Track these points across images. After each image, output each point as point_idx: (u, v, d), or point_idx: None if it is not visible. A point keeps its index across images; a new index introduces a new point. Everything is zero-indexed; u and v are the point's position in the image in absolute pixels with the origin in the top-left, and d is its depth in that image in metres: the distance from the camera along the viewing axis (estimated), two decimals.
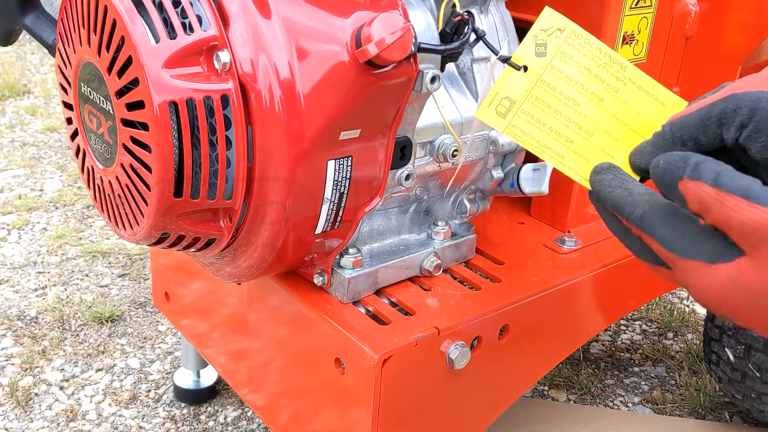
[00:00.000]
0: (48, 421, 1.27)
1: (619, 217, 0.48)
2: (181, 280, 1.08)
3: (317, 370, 0.78)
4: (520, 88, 0.61)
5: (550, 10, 0.61)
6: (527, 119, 0.61)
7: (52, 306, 1.58)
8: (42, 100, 2.88)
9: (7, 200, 2.04)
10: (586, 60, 0.60)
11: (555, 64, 0.61)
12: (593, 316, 0.94)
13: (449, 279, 0.84)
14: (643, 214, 0.45)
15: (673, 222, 0.44)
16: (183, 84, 0.59)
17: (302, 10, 0.62)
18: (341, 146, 0.66)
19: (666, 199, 0.45)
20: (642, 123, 0.59)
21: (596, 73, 0.60)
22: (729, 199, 0.39)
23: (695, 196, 0.41)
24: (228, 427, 1.28)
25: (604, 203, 0.49)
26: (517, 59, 0.61)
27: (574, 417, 1.31)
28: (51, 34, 0.84)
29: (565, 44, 0.61)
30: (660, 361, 1.52)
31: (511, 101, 0.61)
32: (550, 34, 0.61)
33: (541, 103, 0.61)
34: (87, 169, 0.73)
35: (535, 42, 0.61)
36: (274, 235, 0.67)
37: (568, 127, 0.60)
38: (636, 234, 0.47)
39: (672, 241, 0.43)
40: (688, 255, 0.42)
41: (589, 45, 0.61)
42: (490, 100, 0.61)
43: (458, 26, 0.69)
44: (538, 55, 0.61)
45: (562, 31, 0.61)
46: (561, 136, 0.60)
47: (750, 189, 0.39)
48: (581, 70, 0.60)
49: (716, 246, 0.41)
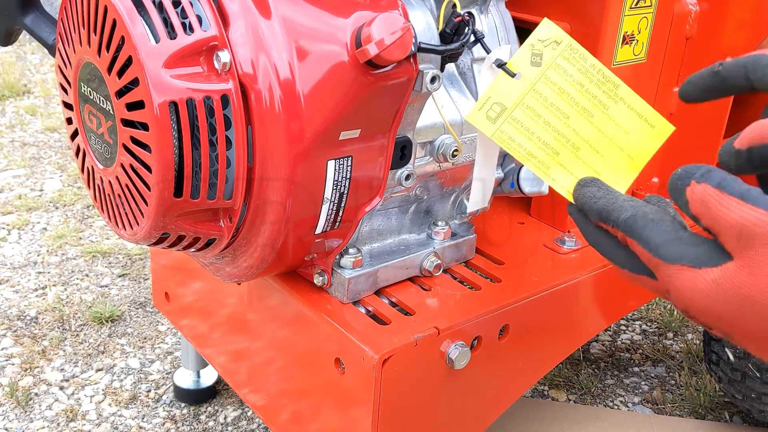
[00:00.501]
0: (48, 421, 1.27)
1: (604, 226, 0.48)
2: (181, 280, 1.08)
3: (317, 370, 0.78)
4: (512, 95, 0.62)
5: (549, 22, 0.62)
6: (516, 126, 0.61)
7: (52, 306, 1.58)
8: (42, 100, 2.89)
9: (7, 200, 2.04)
10: (580, 75, 0.61)
11: (549, 75, 0.61)
12: (593, 316, 0.94)
13: (449, 279, 0.84)
14: (630, 217, 0.45)
15: (660, 226, 0.44)
16: (183, 84, 0.59)
17: (302, 10, 0.62)
18: (341, 146, 0.66)
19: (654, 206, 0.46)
20: (629, 142, 0.60)
21: (588, 88, 0.61)
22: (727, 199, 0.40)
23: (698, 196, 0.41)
24: (228, 427, 1.28)
25: (588, 213, 0.50)
26: (512, 66, 0.62)
27: (574, 417, 1.31)
28: (51, 34, 0.84)
29: (561, 57, 0.61)
30: (660, 361, 1.52)
31: (502, 107, 0.61)
32: (547, 45, 0.62)
33: (531, 111, 0.61)
34: (87, 169, 0.73)
35: (531, 51, 0.62)
36: (274, 235, 0.67)
37: (555, 139, 0.60)
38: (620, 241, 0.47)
39: (658, 244, 0.43)
40: (673, 259, 0.42)
41: (584, 60, 0.61)
42: (481, 104, 0.62)
43: (458, 27, 0.69)
44: (533, 65, 0.62)
45: (559, 43, 0.62)
46: (548, 147, 0.60)
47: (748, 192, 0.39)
48: (574, 84, 0.61)
49: (702, 251, 0.42)
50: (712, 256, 0.41)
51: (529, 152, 0.60)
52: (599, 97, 0.61)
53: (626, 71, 0.92)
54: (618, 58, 0.90)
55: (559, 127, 0.60)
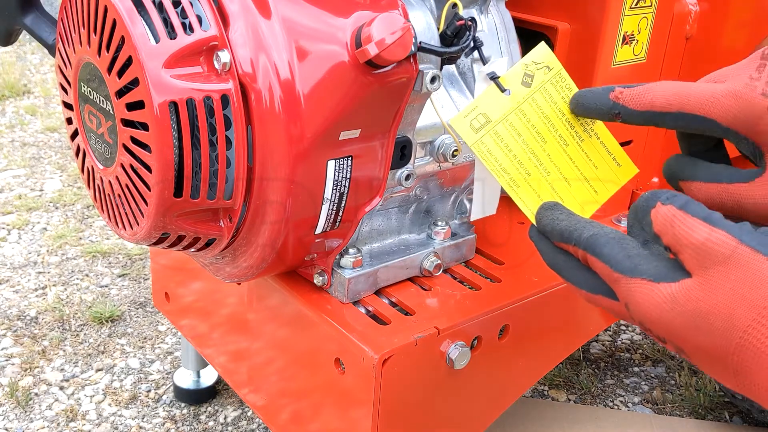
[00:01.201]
0: (48, 421, 1.27)
1: (564, 247, 0.50)
2: (181, 280, 1.08)
3: (317, 370, 0.78)
4: (498, 110, 0.63)
5: (545, 47, 0.64)
6: (496, 141, 0.63)
7: (52, 306, 1.58)
8: (42, 100, 2.89)
9: (7, 200, 2.04)
10: (563, 104, 0.63)
11: (536, 98, 0.63)
12: (593, 316, 0.94)
13: (449, 279, 0.84)
14: (592, 236, 0.47)
15: (621, 244, 0.46)
16: (183, 84, 0.59)
17: (302, 10, 0.62)
18: (341, 146, 0.66)
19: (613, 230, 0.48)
20: (595, 177, 0.63)
21: (568, 118, 0.64)
22: (691, 220, 0.42)
23: (662, 217, 0.43)
24: (228, 427, 1.28)
25: (550, 234, 0.52)
26: (504, 81, 0.63)
27: (574, 417, 1.31)
28: (51, 34, 0.84)
29: (549, 83, 0.63)
30: (660, 361, 1.52)
31: (487, 119, 0.63)
32: (540, 68, 0.64)
33: (513, 129, 0.63)
34: (87, 169, 0.73)
35: (524, 71, 0.64)
36: (274, 235, 0.67)
37: (529, 160, 0.63)
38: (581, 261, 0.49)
39: (619, 260, 0.45)
40: (633, 273, 0.44)
41: (569, 91, 0.64)
42: (467, 112, 0.63)
43: (459, 30, 0.69)
44: (523, 84, 0.64)
45: (550, 69, 0.64)
46: (521, 166, 0.62)
47: (711, 215, 0.42)
48: (556, 112, 0.63)
49: (661, 267, 0.43)
50: (671, 272, 0.43)
51: (504, 168, 0.62)
52: (576, 128, 0.64)
53: (626, 71, 0.92)
54: (618, 58, 0.90)
55: (536, 149, 0.63)
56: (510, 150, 0.62)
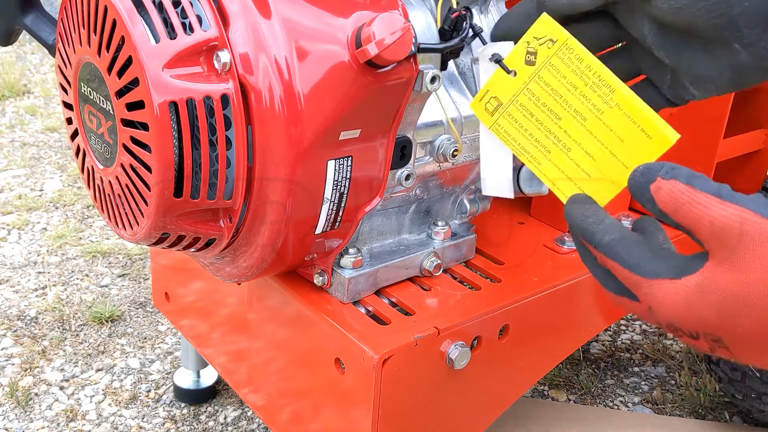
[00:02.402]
0: (48, 421, 1.27)
1: (588, 246, 0.49)
2: (181, 280, 1.08)
3: (317, 370, 0.78)
4: (507, 92, 0.62)
5: (547, 17, 0.60)
6: (511, 122, 0.62)
7: (52, 306, 1.58)
8: (42, 100, 2.89)
9: (7, 200, 2.04)
10: (574, 76, 0.59)
11: (542, 75, 0.60)
12: (593, 316, 0.94)
13: (449, 279, 0.84)
14: (611, 241, 0.46)
15: (639, 248, 0.45)
16: (183, 84, 0.59)
17: (302, 10, 0.62)
18: (341, 146, 0.66)
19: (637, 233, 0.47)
20: (624, 150, 0.57)
21: (582, 91, 0.59)
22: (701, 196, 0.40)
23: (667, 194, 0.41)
24: (228, 427, 1.28)
25: (576, 231, 0.50)
26: (508, 63, 0.61)
27: (574, 417, 1.31)
28: (51, 34, 0.84)
29: (555, 57, 0.60)
30: (660, 361, 1.52)
31: (498, 101, 0.62)
32: (542, 43, 0.60)
33: (524, 109, 0.61)
34: (87, 169, 0.73)
35: (526, 49, 0.61)
36: (274, 235, 0.67)
37: (547, 138, 0.60)
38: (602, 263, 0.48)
39: (637, 264, 0.44)
40: (653, 275, 0.43)
41: (579, 61, 0.59)
42: (481, 95, 0.63)
43: (456, 22, 0.69)
44: (527, 63, 0.61)
45: (554, 42, 0.59)
46: (540, 144, 0.61)
47: (720, 189, 0.40)
48: (567, 86, 0.59)
49: (679, 263, 0.42)
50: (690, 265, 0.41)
51: (523, 147, 0.61)
52: (593, 101, 0.58)
53: None
54: None
55: (551, 127, 0.60)
56: (525, 130, 0.61)
